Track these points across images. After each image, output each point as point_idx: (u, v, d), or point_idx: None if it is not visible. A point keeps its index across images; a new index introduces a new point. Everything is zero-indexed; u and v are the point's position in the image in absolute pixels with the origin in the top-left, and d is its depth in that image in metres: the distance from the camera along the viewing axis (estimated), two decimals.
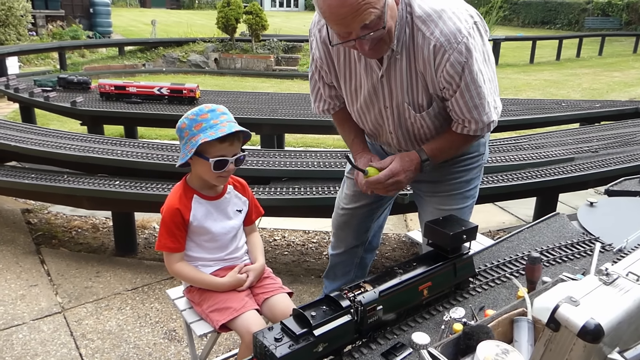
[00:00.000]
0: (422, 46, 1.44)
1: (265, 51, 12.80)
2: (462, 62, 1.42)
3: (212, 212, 1.73)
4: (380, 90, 1.62)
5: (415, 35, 1.45)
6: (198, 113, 1.62)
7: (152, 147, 3.57)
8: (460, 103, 1.52)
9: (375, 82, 1.60)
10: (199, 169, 1.66)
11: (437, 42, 1.41)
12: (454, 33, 1.40)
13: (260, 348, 1.13)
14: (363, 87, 1.64)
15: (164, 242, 1.68)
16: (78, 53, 13.22)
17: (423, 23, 1.42)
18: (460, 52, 1.41)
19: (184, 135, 1.62)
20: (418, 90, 1.56)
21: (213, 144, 1.58)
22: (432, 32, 1.41)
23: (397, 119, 1.68)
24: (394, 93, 1.60)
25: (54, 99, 4.93)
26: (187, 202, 1.69)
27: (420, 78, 1.53)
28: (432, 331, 1.30)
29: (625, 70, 13.59)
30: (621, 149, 3.59)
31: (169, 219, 1.67)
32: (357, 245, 2.15)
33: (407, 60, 1.51)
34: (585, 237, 1.86)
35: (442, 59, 1.43)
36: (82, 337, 2.53)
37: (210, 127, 1.59)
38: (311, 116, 4.64)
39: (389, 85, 1.59)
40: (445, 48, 1.41)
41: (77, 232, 3.73)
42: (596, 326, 0.63)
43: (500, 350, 0.88)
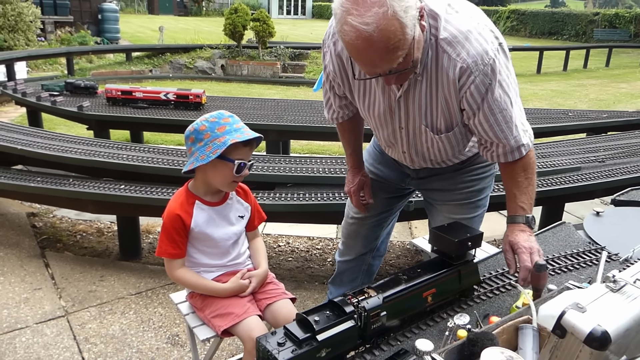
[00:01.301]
0: (447, 68, 1.41)
1: (272, 58, 12.86)
2: (487, 84, 1.40)
3: (214, 218, 1.72)
4: (396, 111, 1.59)
5: (440, 57, 1.41)
6: (219, 116, 1.62)
7: (158, 152, 3.58)
8: (486, 126, 1.49)
9: (393, 102, 1.57)
10: (213, 172, 1.63)
11: (463, 63, 1.38)
12: (480, 55, 1.37)
13: (263, 352, 1.12)
14: (378, 106, 1.61)
15: (165, 248, 1.67)
16: (86, 59, 13.33)
17: (449, 45, 1.39)
18: (485, 74, 1.39)
19: (203, 137, 1.60)
20: (437, 113, 1.53)
21: (237, 147, 1.58)
22: (459, 54, 1.38)
23: (412, 140, 1.66)
24: (411, 115, 1.57)
25: (60, 104, 4.97)
26: (189, 208, 1.68)
27: (441, 100, 1.50)
28: (435, 338, 1.29)
29: (632, 81, 13.55)
30: (628, 159, 3.57)
31: (170, 224, 1.66)
32: (366, 253, 2.14)
33: (428, 83, 1.48)
34: (591, 247, 1.84)
35: (467, 80, 1.40)
36: (85, 341, 2.53)
37: (234, 130, 1.59)
38: (317, 123, 4.65)
39: (406, 106, 1.56)
40: (472, 69, 1.38)
41: (82, 236, 3.74)
42: (603, 333, 0.62)
43: (504, 357, 0.87)
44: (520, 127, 1.51)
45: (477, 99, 1.43)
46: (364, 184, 1.96)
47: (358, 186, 1.95)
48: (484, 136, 1.52)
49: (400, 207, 2.16)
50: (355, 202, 1.96)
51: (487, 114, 1.45)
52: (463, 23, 1.39)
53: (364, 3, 1.20)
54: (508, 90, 1.45)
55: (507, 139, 1.49)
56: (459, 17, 1.40)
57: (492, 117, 1.46)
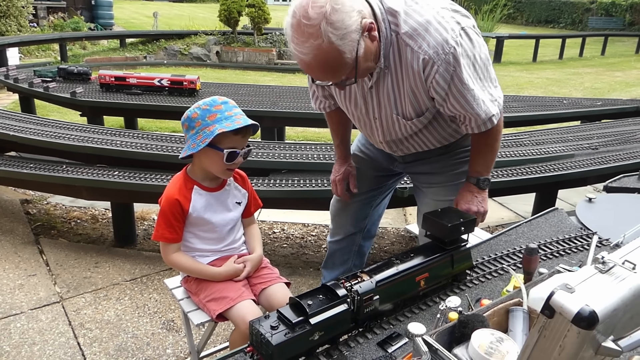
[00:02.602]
0: (411, 60, 1.47)
1: (267, 45, 12.76)
2: (451, 71, 1.45)
3: (212, 204, 1.72)
4: (369, 101, 1.66)
5: (403, 50, 1.47)
6: (211, 104, 1.60)
7: (152, 138, 3.57)
8: (457, 107, 1.55)
9: (365, 93, 1.65)
10: (206, 160, 1.65)
11: (425, 54, 1.43)
12: (441, 44, 1.42)
13: (256, 336, 1.13)
14: (354, 97, 1.69)
15: (162, 233, 1.68)
16: (79, 45, 13.18)
17: (410, 38, 1.44)
18: (448, 62, 1.43)
19: (195, 125, 1.60)
20: (406, 102, 1.60)
21: (227, 136, 1.57)
22: (420, 46, 1.43)
23: (386, 129, 1.74)
24: (382, 105, 1.64)
25: (53, 90, 4.92)
26: (187, 193, 1.68)
27: (408, 91, 1.56)
28: (428, 322, 1.31)
29: (627, 70, 13.56)
30: (621, 146, 3.58)
31: (168, 209, 1.66)
32: (355, 233, 2.17)
33: (394, 75, 1.54)
34: (583, 232, 1.86)
35: (431, 71, 1.45)
36: (81, 326, 2.53)
37: (225, 119, 1.58)
38: (312, 109, 4.63)
39: (378, 97, 1.63)
40: (434, 60, 1.43)
41: (77, 222, 3.73)
42: (590, 313, 0.63)
43: (494, 338, 0.88)
44: (488, 99, 1.57)
45: (444, 86, 1.48)
46: (349, 173, 2.03)
47: (343, 175, 2.01)
48: (457, 115, 1.60)
49: (390, 188, 2.19)
50: (340, 190, 2.04)
51: (457, 97, 1.51)
52: (422, 14, 1.44)
53: (302, 34, 1.30)
54: (474, 71, 1.50)
55: (477, 114, 1.56)
56: (419, 8, 1.45)
57: (462, 99, 1.52)
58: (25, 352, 2.32)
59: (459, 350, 0.90)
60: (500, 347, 0.86)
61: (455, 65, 1.44)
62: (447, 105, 1.55)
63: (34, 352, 2.32)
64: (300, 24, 1.30)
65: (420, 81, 1.50)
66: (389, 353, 1.20)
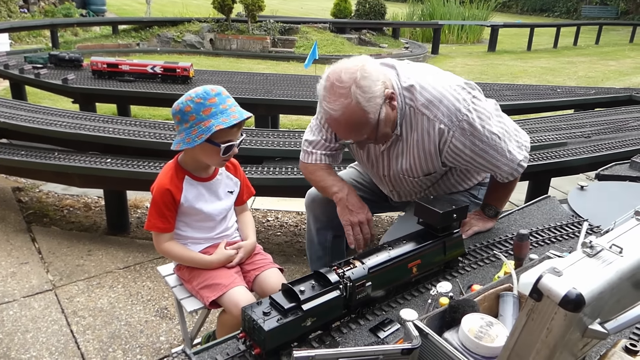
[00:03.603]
0: (427, 128, 1.62)
1: (261, 32, 12.65)
2: (467, 135, 1.60)
3: (204, 194, 1.72)
4: (381, 161, 1.81)
5: (419, 120, 1.63)
6: (205, 97, 1.56)
7: (145, 125, 3.54)
8: (484, 163, 1.67)
9: (377, 155, 1.80)
10: (201, 153, 1.63)
11: (441, 123, 1.59)
12: (454, 113, 1.58)
13: (248, 322, 1.13)
14: (367, 154, 1.83)
15: (154, 222, 1.67)
16: (71, 31, 12.99)
17: (426, 108, 1.60)
18: (463, 128, 1.59)
19: (188, 119, 1.57)
20: (416, 165, 1.73)
21: (223, 130, 1.55)
22: (436, 115, 1.59)
23: (395, 184, 1.88)
24: (392, 166, 1.79)
25: (44, 76, 4.86)
26: (179, 183, 1.67)
27: (420, 156, 1.70)
28: (420, 308, 1.32)
29: (621, 59, 13.58)
30: (613, 134, 3.60)
31: (160, 199, 1.65)
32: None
33: (406, 142, 1.69)
34: (574, 220, 1.87)
35: (447, 137, 1.61)
36: (74, 314, 2.53)
37: (220, 113, 1.55)
38: (306, 97, 4.61)
39: (389, 159, 1.78)
40: (449, 127, 1.59)
41: (69, 210, 3.71)
42: (577, 296, 0.64)
43: (484, 322, 0.89)
44: (514, 149, 1.70)
45: (464, 150, 1.63)
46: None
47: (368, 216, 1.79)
48: (485, 169, 1.72)
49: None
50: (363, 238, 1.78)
51: (481, 154, 1.64)
52: (436, 87, 1.61)
53: (334, 93, 1.50)
54: (491, 128, 1.62)
55: (506, 164, 1.70)
56: (433, 82, 1.62)
57: (486, 155, 1.65)
58: (18, 339, 2.32)
59: (450, 334, 0.91)
60: (489, 331, 0.87)
61: (471, 130, 1.59)
62: (474, 164, 1.68)
63: (27, 340, 2.32)
64: (334, 85, 1.50)
65: (434, 146, 1.65)
66: (381, 339, 1.21)
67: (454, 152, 1.64)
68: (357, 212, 1.75)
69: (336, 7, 14.64)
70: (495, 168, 1.70)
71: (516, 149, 1.71)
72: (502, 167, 1.70)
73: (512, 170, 1.72)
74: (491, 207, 1.83)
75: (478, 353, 0.85)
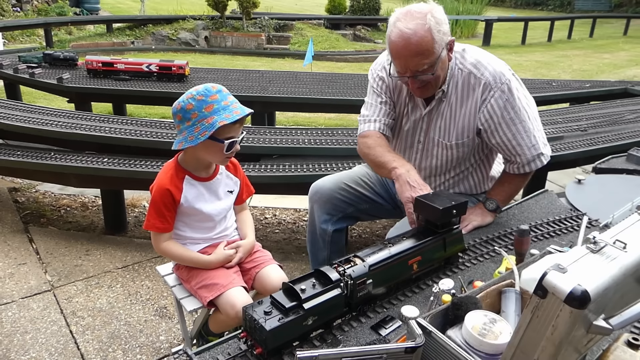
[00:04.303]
0: (474, 85, 1.76)
1: (256, 29, 12.60)
2: (504, 99, 1.73)
3: (204, 194, 1.71)
4: (420, 125, 1.89)
5: (467, 78, 1.77)
6: (206, 94, 1.56)
7: (141, 124, 3.52)
8: (509, 136, 1.77)
9: (417, 119, 1.89)
10: (204, 151, 1.61)
11: (486, 80, 1.74)
12: (499, 74, 1.74)
13: (249, 321, 1.13)
14: (407, 121, 1.91)
15: (153, 222, 1.66)
16: (65, 30, 12.91)
17: (474, 67, 1.76)
18: (503, 90, 1.73)
19: (190, 116, 1.56)
20: (454, 127, 1.82)
21: (225, 126, 1.54)
22: (483, 74, 1.75)
23: (424, 154, 1.93)
24: (430, 130, 1.87)
25: (39, 76, 4.83)
26: (179, 183, 1.66)
27: (460, 117, 1.81)
28: (421, 305, 1.32)
29: (615, 52, 13.61)
30: (609, 127, 3.61)
31: (159, 198, 1.64)
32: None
33: (451, 101, 1.80)
34: (572, 213, 1.88)
35: (488, 95, 1.74)
36: (73, 314, 2.53)
37: (222, 109, 1.55)
38: (302, 94, 4.60)
39: (429, 122, 1.87)
40: (492, 86, 1.73)
41: (66, 210, 3.70)
42: (583, 292, 0.64)
43: (488, 319, 0.89)
44: (540, 139, 1.83)
45: (497, 113, 1.75)
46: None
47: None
48: (508, 147, 1.80)
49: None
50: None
51: (509, 124, 1.76)
52: (485, 53, 1.82)
53: (411, 16, 1.63)
54: (525, 106, 1.78)
55: (527, 146, 1.79)
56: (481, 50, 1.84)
57: (513, 127, 1.76)
58: (18, 340, 2.31)
59: (453, 332, 0.91)
60: (493, 328, 0.87)
61: (509, 95, 1.73)
62: (500, 133, 1.77)
63: (26, 341, 2.31)
64: (411, 10, 1.64)
65: (475, 104, 1.77)
66: (383, 336, 1.21)
67: (489, 112, 1.75)
68: (419, 188, 1.61)
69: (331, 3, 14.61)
70: (517, 147, 1.79)
71: (541, 139, 1.83)
72: (524, 149, 1.79)
73: (532, 158, 1.81)
74: (493, 200, 1.84)
75: (482, 350, 0.85)
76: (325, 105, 4.67)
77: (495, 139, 1.80)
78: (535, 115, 1.84)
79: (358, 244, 3.35)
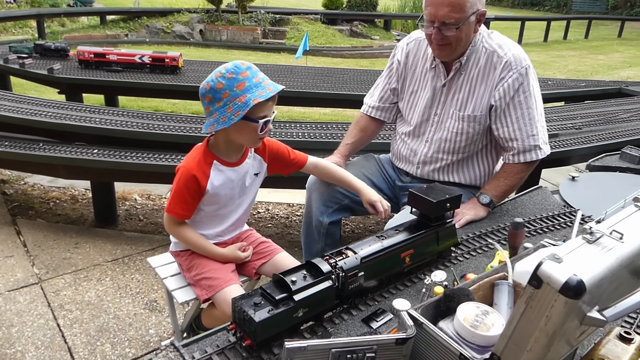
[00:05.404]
0: (495, 64, 1.84)
1: (252, 23, 12.54)
2: (520, 82, 1.80)
3: (232, 180, 1.63)
4: (437, 97, 1.96)
5: (490, 56, 1.85)
6: (236, 71, 1.47)
7: (133, 116, 3.48)
8: (513, 118, 1.84)
9: (437, 89, 1.96)
10: (236, 132, 1.52)
11: (508, 59, 1.82)
12: (521, 58, 1.83)
13: (239, 313, 1.11)
14: (425, 93, 1.99)
15: (174, 208, 1.59)
16: (58, 22, 12.78)
17: (499, 48, 1.85)
18: (521, 73, 1.81)
19: (221, 96, 1.47)
20: (470, 100, 1.89)
21: (259, 104, 1.45)
22: (506, 53, 1.83)
23: (438, 125, 1.98)
24: (448, 101, 1.93)
25: (29, 66, 4.76)
26: (206, 169, 1.58)
27: (477, 91, 1.87)
28: (413, 298, 1.30)
29: (610, 53, 13.69)
30: (603, 126, 3.61)
31: (184, 184, 1.56)
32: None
33: (472, 74, 1.87)
34: (566, 210, 1.87)
35: (507, 74, 1.81)
36: (60, 307, 2.49)
37: (255, 86, 1.46)
38: (298, 88, 4.57)
39: (447, 93, 1.93)
40: (512, 66, 1.81)
41: (55, 203, 3.65)
42: (578, 282, 0.62)
43: (480, 311, 0.87)
44: (540, 131, 1.87)
45: (510, 92, 1.82)
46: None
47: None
48: (507, 130, 1.86)
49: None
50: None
51: (516, 107, 1.83)
52: (511, 41, 1.91)
53: None
54: (536, 96, 1.85)
55: (527, 134, 1.84)
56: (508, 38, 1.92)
57: (519, 111, 1.83)
58: (3, 333, 2.27)
59: (444, 323, 0.89)
60: (485, 320, 0.85)
61: (524, 80, 1.81)
62: (506, 113, 1.84)
63: (12, 334, 2.27)
64: None
65: (492, 83, 1.84)
66: (374, 329, 1.20)
67: (505, 90, 1.82)
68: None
69: None
70: (517, 131, 1.84)
71: (542, 134, 1.88)
72: (523, 135, 1.84)
73: (529, 147, 1.86)
74: (487, 195, 1.84)
75: (474, 342, 0.83)
76: (320, 99, 4.64)
77: (500, 119, 1.86)
78: (542, 111, 1.90)
79: (351, 239, 3.33)
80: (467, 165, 2.01)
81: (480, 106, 1.87)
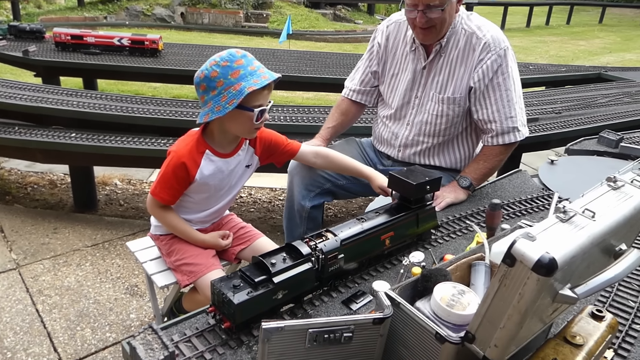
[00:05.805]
0: (474, 45, 1.84)
1: (234, 6, 12.34)
2: (498, 64, 1.82)
3: (222, 171, 1.61)
4: (417, 80, 1.97)
5: (469, 38, 1.86)
6: (231, 59, 1.44)
7: (111, 99, 3.41)
8: (492, 100, 1.85)
9: (417, 72, 1.96)
10: (231, 122, 1.50)
11: (487, 41, 1.82)
12: (499, 40, 1.83)
13: (217, 295, 1.10)
14: (405, 76, 1.99)
15: (159, 192, 1.57)
16: (34, 3, 12.39)
17: (478, 29, 1.86)
18: (499, 55, 1.82)
19: (216, 85, 1.44)
20: (450, 82, 1.89)
21: (255, 93, 1.43)
22: (485, 34, 1.84)
23: (418, 108, 1.99)
24: (428, 84, 1.94)
25: (3, 48, 4.62)
26: (197, 157, 1.55)
27: (457, 71, 1.88)
28: (393, 280, 1.31)
29: (591, 39, 13.83)
30: (582, 111, 3.66)
31: (172, 171, 1.53)
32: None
33: (451, 57, 1.88)
34: (544, 193, 1.90)
35: (485, 56, 1.82)
36: (39, 293, 2.46)
37: (249, 75, 1.43)
38: (280, 71, 4.50)
39: (427, 75, 1.94)
40: (491, 47, 1.82)
41: (33, 188, 3.58)
42: (550, 260, 0.63)
43: (456, 291, 0.88)
44: (519, 113, 1.88)
45: (489, 74, 1.82)
46: None
47: None
48: (485, 112, 1.87)
49: None
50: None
51: (495, 88, 1.84)
52: (490, 22, 1.91)
53: None
54: (514, 78, 1.86)
55: (505, 115, 1.86)
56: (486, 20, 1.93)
57: (497, 92, 1.84)
58: None
59: (421, 303, 0.90)
60: (461, 300, 0.86)
61: (502, 61, 1.82)
62: (484, 95, 1.85)
63: None
64: None
65: (472, 65, 1.84)
66: (354, 311, 1.20)
67: (483, 72, 1.83)
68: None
69: None
70: (495, 113, 1.86)
71: (520, 116, 1.89)
72: (501, 116, 1.85)
73: (508, 129, 1.87)
74: (466, 178, 1.85)
75: (450, 321, 0.84)
76: (303, 83, 4.60)
77: (479, 101, 1.87)
78: (520, 94, 1.91)
79: (334, 223, 3.33)
80: (448, 148, 2.02)
81: (460, 88, 1.88)
